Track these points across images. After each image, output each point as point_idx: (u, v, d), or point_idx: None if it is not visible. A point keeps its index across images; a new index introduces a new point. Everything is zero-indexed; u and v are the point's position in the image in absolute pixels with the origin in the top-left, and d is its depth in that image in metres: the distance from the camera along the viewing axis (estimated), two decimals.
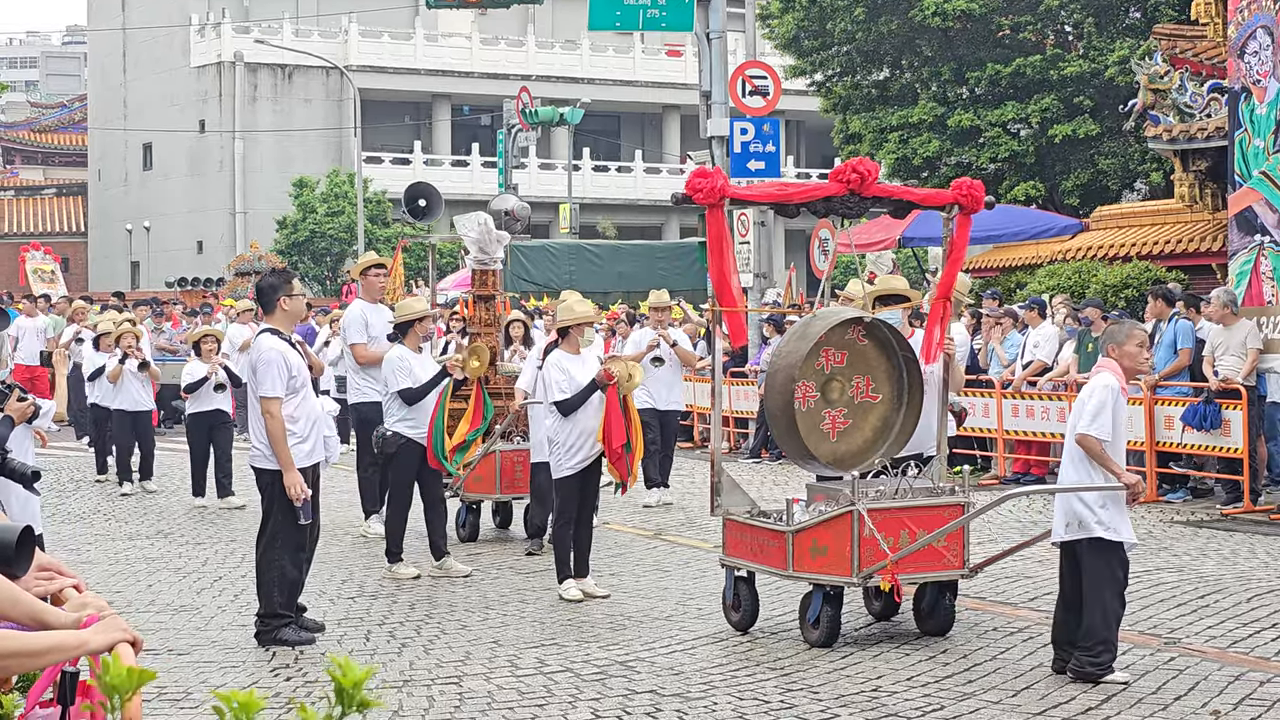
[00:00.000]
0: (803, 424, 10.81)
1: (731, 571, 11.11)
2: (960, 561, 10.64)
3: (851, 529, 10.29)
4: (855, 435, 11.10)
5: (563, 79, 62.81)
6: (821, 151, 66.52)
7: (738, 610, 11.09)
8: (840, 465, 10.94)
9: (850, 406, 11.07)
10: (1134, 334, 9.66)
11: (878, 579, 10.25)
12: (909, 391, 11.12)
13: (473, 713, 8.89)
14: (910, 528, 10.38)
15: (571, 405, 12.23)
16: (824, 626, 10.47)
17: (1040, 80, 34.51)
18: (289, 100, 61.94)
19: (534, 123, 44.00)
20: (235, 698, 2.20)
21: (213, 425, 18.51)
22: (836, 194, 10.79)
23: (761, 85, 27.29)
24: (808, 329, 10.96)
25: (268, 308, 11.09)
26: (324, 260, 54.26)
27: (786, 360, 10.86)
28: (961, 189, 11.17)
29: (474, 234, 16.14)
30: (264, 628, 10.82)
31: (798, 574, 10.57)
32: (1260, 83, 18.28)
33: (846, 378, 11.04)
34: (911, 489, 10.70)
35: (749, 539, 10.93)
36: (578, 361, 12.49)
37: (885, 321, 11.28)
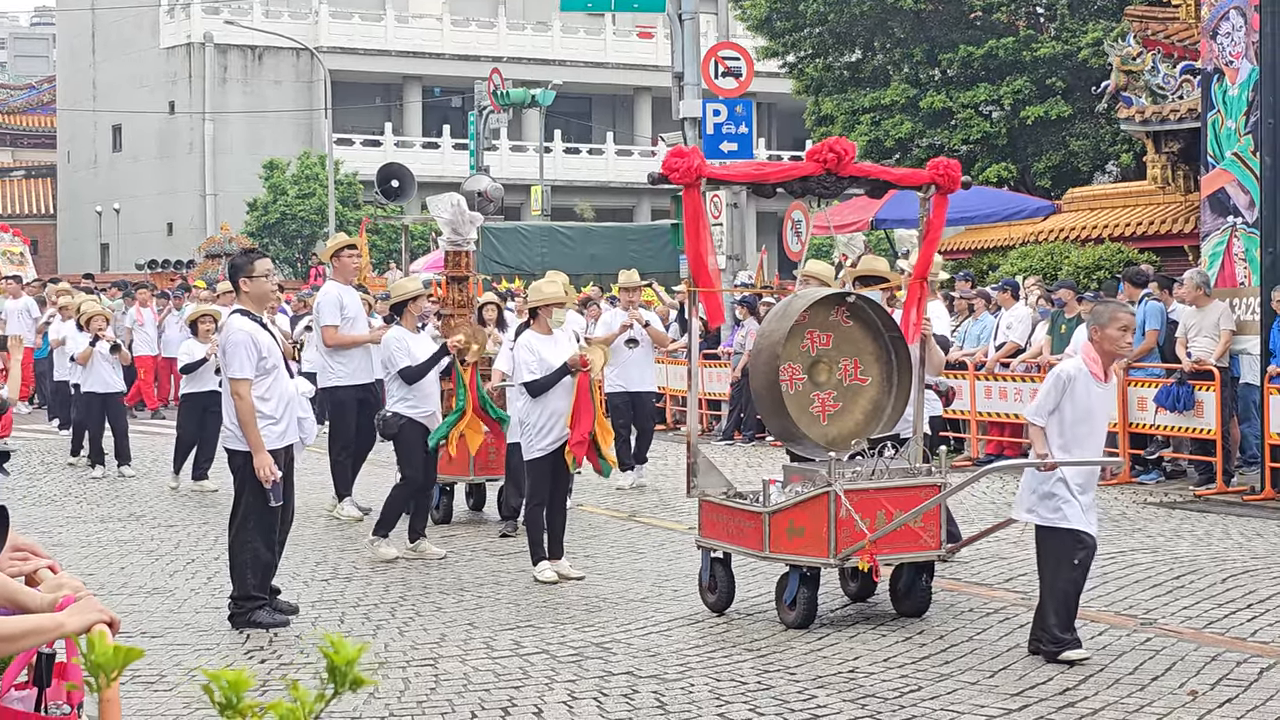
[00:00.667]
0: (792, 406, 10.75)
1: (708, 553, 11.04)
2: (937, 542, 10.58)
3: (828, 510, 10.21)
4: (846, 418, 11.04)
5: (534, 61, 62.68)
6: (793, 134, 66.61)
7: (714, 592, 11.02)
8: (832, 448, 10.78)
9: (840, 389, 11.01)
10: (1117, 316, 9.50)
11: (856, 559, 10.19)
12: (898, 373, 11.07)
13: (449, 695, 8.85)
14: (887, 508, 10.32)
15: (540, 386, 12.15)
16: (801, 607, 10.41)
17: (1012, 62, 34.53)
18: (259, 82, 61.72)
19: (505, 104, 43.87)
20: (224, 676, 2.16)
21: (207, 407, 18.09)
22: (813, 174, 10.70)
23: (734, 66, 27.25)
24: (788, 308, 10.89)
25: (237, 288, 11.04)
26: (295, 242, 54.10)
27: (769, 340, 10.79)
28: (938, 169, 11.11)
29: (447, 215, 16.08)
30: (237, 610, 10.76)
31: (774, 555, 10.50)
32: (1233, 64, 18.29)
33: (834, 360, 10.98)
34: (888, 470, 10.63)
35: (725, 520, 10.85)
36: (549, 342, 12.40)
37: (870, 300, 11.21)
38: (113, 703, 2.91)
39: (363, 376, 15.70)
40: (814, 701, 8.62)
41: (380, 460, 19.52)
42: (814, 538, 10.30)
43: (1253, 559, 12.85)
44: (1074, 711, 8.35)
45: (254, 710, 2.10)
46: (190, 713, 8.50)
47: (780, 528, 10.42)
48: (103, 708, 3.11)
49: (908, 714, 8.34)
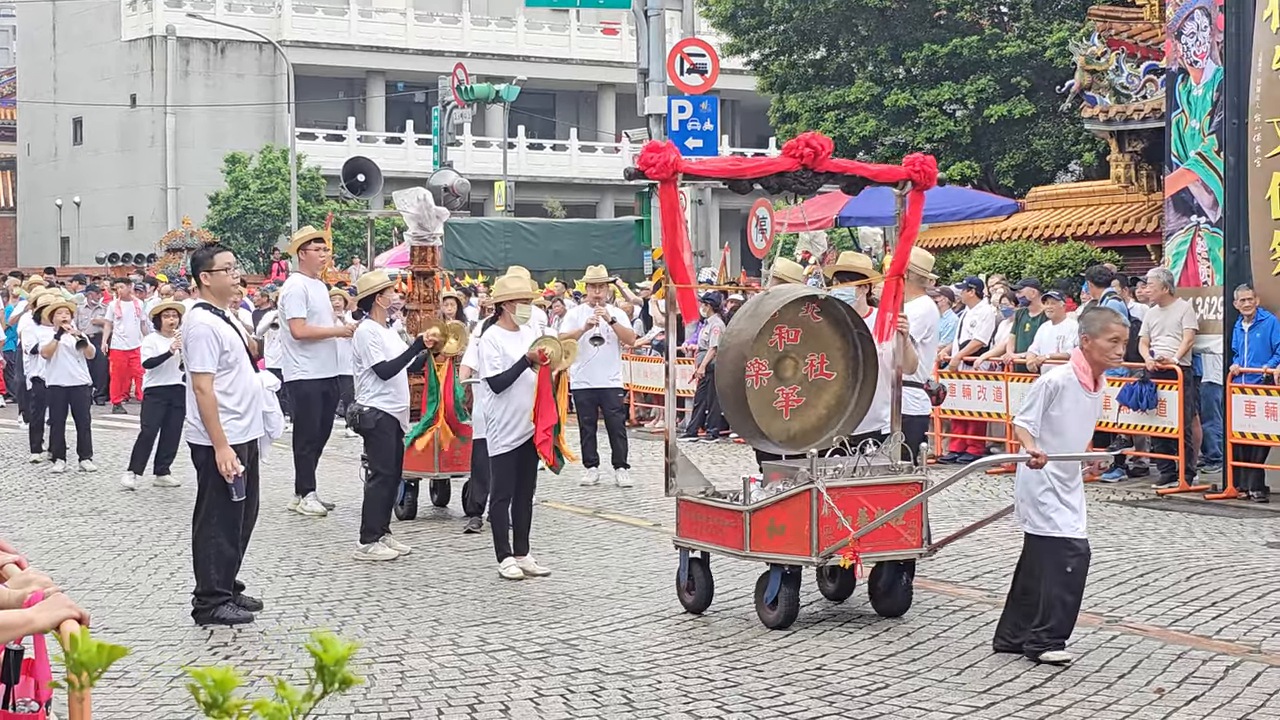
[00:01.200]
0: (754, 402, 10.65)
1: (685, 553, 10.91)
2: (919, 540, 10.52)
3: (810, 507, 10.10)
4: (809, 413, 10.93)
5: (498, 56, 62.66)
6: (758, 131, 66.63)
7: (692, 592, 10.88)
8: (793, 443, 10.75)
9: (804, 384, 10.89)
10: (1109, 327, 9.30)
11: (838, 557, 10.06)
12: (864, 369, 10.97)
13: (415, 691, 8.81)
14: (869, 506, 10.23)
15: (502, 381, 12.08)
16: (782, 607, 10.29)
17: (977, 61, 34.61)
18: (221, 75, 61.53)
19: (469, 100, 43.83)
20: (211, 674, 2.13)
21: (171, 402, 18.00)
22: (790, 169, 10.60)
23: (699, 63, 27.24)
24: (760, 306, 10.76)
25: (199, 282, 10.96)
26: (257, 237, 53.94)
27: (738, 338, 10.67)
28: (914, 165, 11.02)
29: (413, 210, 16.00)
30: (201, 606, 10.69)
31: (755, 554, 10.37)
32: (1197, 64, 18.35)
33: (800, 355, 10.86)
34: (870, 467, 10.53)
35: (704, 520, 10.71)
36: (514, 338, 12.34)
37: (840, 299, 11.11)
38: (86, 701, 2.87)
39: (328, 370, 15.66)
40: (781, 699, 8.61)
41: (342, 455, 19.48)
42: (795, 536, 10.19)
43: (1216, 557, 12.90)
44: (1041, 709, 8.36)
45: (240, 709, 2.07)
46: (154, 709, 8.45)
47: (761, 526, 10.29)
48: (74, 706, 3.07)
49: (875, 711, 8.34)
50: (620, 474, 17.65)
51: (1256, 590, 11.42)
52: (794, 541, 10.18)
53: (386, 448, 13.42)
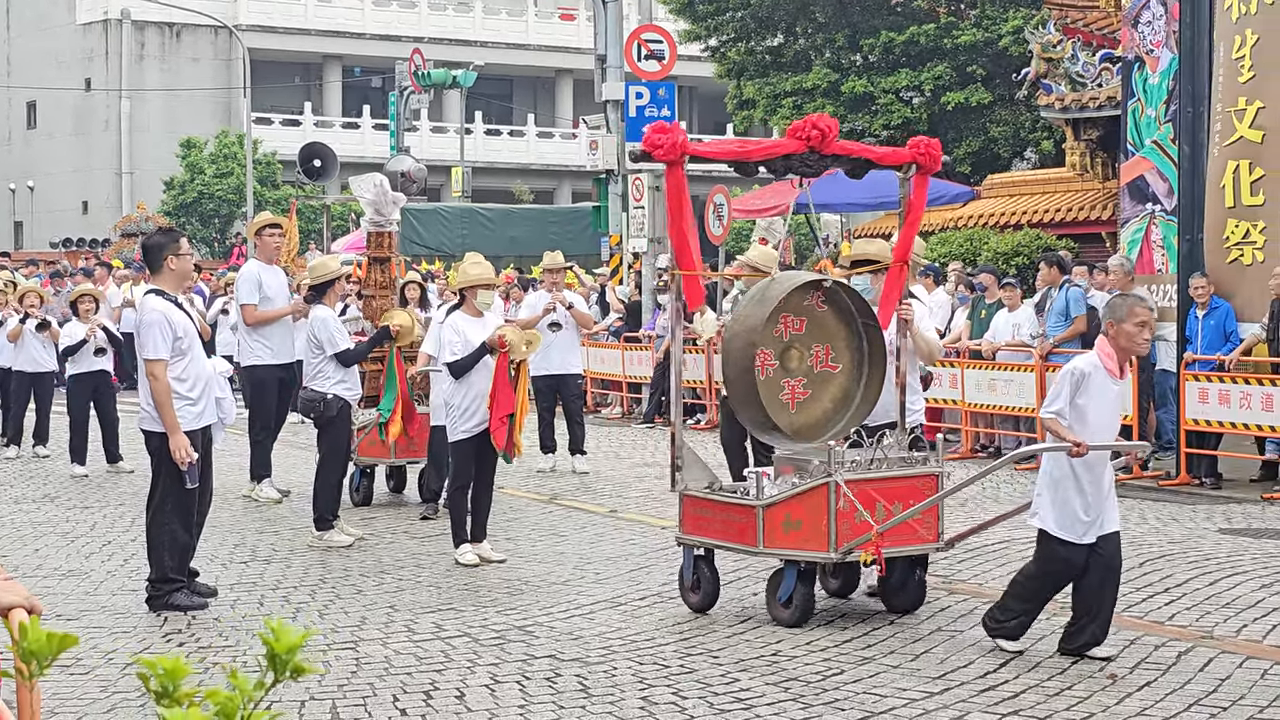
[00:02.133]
0: (763, 393, 10.22)
1: (690, 550, 10.52)
2: (935, 534, 10.20)
3: (828, 501, 9.76)
4: (814, 406, 10.50)
5: (455, 41, 62.48)
6: (715, 117, 66.65)
7: (697, 591, 10.49)
8: (799, 437, 10.34)
9: (809, 376, 10.47)
10: (1135, 311, 8.98)
11: (859, 553, 9.71)
12: (869, 361, 10.56)
13: (369, 678, 8.79)
14: (886, 500, 9.90)
15: (462, 367, 12.03)
16: (798, 605, 9.93)
17: (934, 48, 34.70)
18: (177, 59, 61.20)
19: (426, 85, 43.68)
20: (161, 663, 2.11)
21: (96, 388, 18.04)
22: (796, 151, 10.26)
23: (657, 49, 27.22)
24: (766, 293, 10.33)
25: (154, 267, 10.86)
26: (212, 222, 53.70)
27: (745, 325, 10.24)
28: (919, 148, 10.75)
29: (369, 195, 15.94)
30: (155, 593, 10.64)
31: (769, 550, 9.98)
32: (1153, 52, 18.42)
33: (805, 346, 10.45)
34: (886, 459, 10.18)
35: (712, 515, 10.29)
36: (476, 324, 12.26)
37: (846, 286, 10.68)
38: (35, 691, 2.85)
39: (284, 356, 15.62)
40: (737, 685, 8.61)
41: (298, 442, 19.41)
42: (813, 531, 9.83)
43: (1169, 544, 12.96)
44: (995, 695, 8.39)
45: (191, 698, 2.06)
46: (107, 697, 8.41)
47: (776, 521, 9.89)
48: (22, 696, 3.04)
49: (831, 697, 8.35)
50: (577, 460, 17.65)
51: (1209, 576, 11.48)
52: (811, 537, 9.84)
53: (343, 435, 13.43)
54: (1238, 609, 10.43)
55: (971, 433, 19.22)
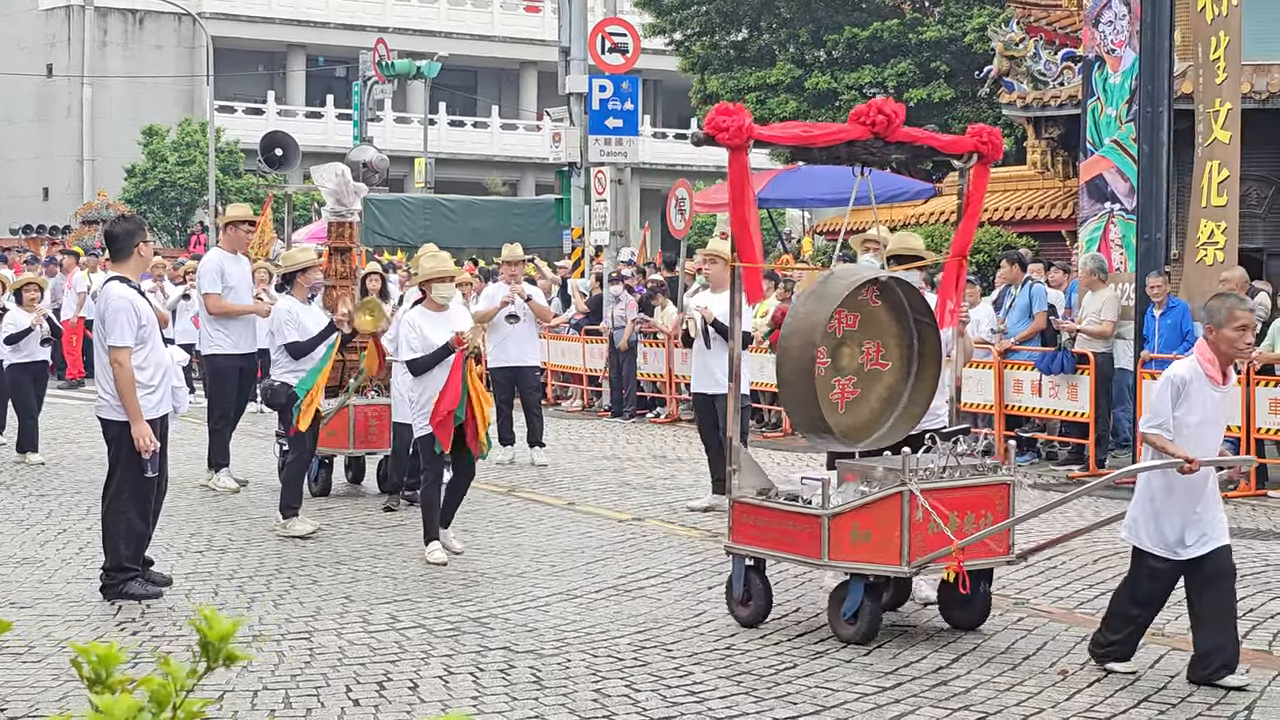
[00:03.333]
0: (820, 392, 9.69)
1: (740, 560, 9.93)
2: (1005, 547, 9.62)
3: (901, 512, 9.17)
4: (861, 407, 10.00)
5: (420, 32, 62.37)
6: (679, 111, 66.68)
7: (747, 604, 9.93)
8: (847, 439, 9.84)
9: (860, 375, 9.96)
10: (1235, 315, 8.48)
11: (939, 567, 9.20)
12: (920, 359, 10.07)
13: (323, 669, 8.79)
14: (958, 510, 9.33)
15: (421, 366, 11.87)
16: (864, 621, 9.36)
17: (897, 44, 34.78)
18: (140, 46, 60.93)
19: (390, 75, 43.63)
20: (94, 649, 2.12)
21: (36, 377, 17.97)
22: (860, 137, 9.72)
23: (621, 42, 27.23)
24: (825, 289, 9.71)
25: (121, 254, 10.82)
26: (174, 210, 53.49)
27: (804, 323, 9.62)
28: (981, 136, 10.24)
29: (331, 185, 15.90)
30: (110, 581, 10.61)
31: (835, 563, 9.38)
32: (1115, 52, 18.51)
33: (857, 343, 9.93)
34: (959, 466, 9.56)
35: (767, 524, 9.70)
36: (437, 319, 12.07)
37: (902, 280, 10.20)
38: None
39: (244, 346, 15.68)
40: (690, 678, 8.64)
41: (256, 432, 19.37)
42: (884, 543, 9.23)
43: (1123, 541, 13.01)
44: (946, 689, 8.44)
45: (124, 685, 2.07)
46: (59, 684, 8.39)
47: (843, 532, 9.29)
48: None
49: (783, 690, 8.38)
50: (536, 453, 17.64)
51: None
52: (881, 549, 9.24)
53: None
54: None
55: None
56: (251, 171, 54.31)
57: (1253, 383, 15.29)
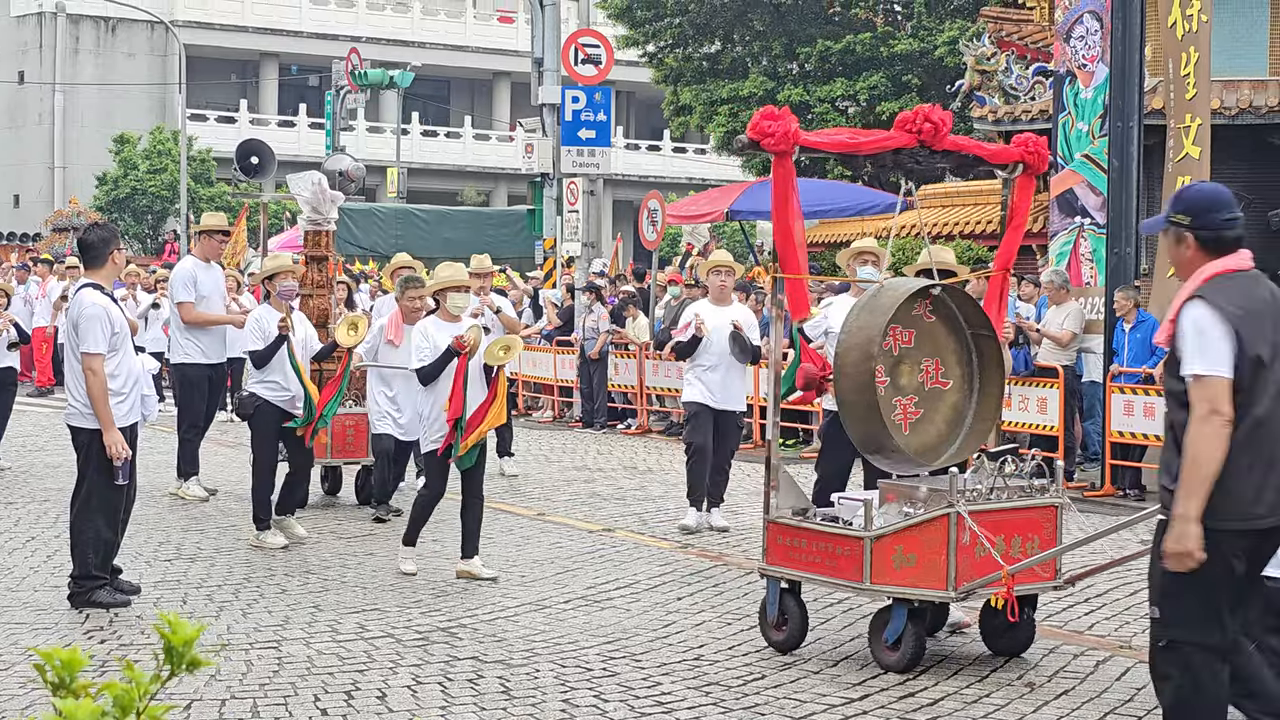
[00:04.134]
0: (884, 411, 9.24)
1: (775, 583, 9.57)
2: (1052, 571, 9.28)
3: (948, 534, 8.78)
4: (928, 428, 9.50)
5: (393, 42, 62.30)
6: (651, 123, 66.74)
7: (782, 629, 9.58)
8: (915, 462, 9.41)
9: (921, 394, 9.49)
10: None
11: (986, 594, 8.86)
12: (981, 376, 9.61)
13: (291, 678, 8.78)
14: (1005, 533, 8.94)
15: (428, 374, 11.44)
16: (907, 647, 8.98)
17: (869, 58, 34.88)
18: (112, 54, 60.77)
19: (363, 85, 43.54)
20: (57, 655, 2.12)
21: (4, 384, 17.84)
22: (907, 145, 9.42)
23: (594, 54, 27.24)
24: (877, 301, 9.31)
25: (96, 261, 10.80)
26: (145, 218, 53.34)
27: (860, 337, 9.15)
28: (1027, 146, 9.94)
29: (307, 194, 15.80)
30: (78, 589, 10.59)
31: (878, 587, 8.99)
32: (1086, 67, 18.59)
33: (915, 361, 9.48)
34: (1006, 487, 9.17)
35: (805, 545, 9.33)
36: (451, 330, 11.60)
37: (957, 290, 9.75)
38: None
39: (214, 355, 15.67)
40: (659, 688, 8.65)
41: (227, 440, 19.33)
42: (928, 567, 8.85)
43: (1091, 554, 13.06)
44: (914, 701, 8.46)
45: (87, 690, 2.07)
46: (26, 692, 8.36)
47: (886, 555, 8.90)
48: None
49: (751, 701, 8.40)
50: (505, 463, 17.63)
51: (1130, 587, 11.59)
52: (926, 574, 8.86)
53: (262, 434, 13.20)
54: None
55: None
56: (224, 180, 54.20)
57: None
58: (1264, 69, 22.35)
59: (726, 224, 35.78)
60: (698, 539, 13.64)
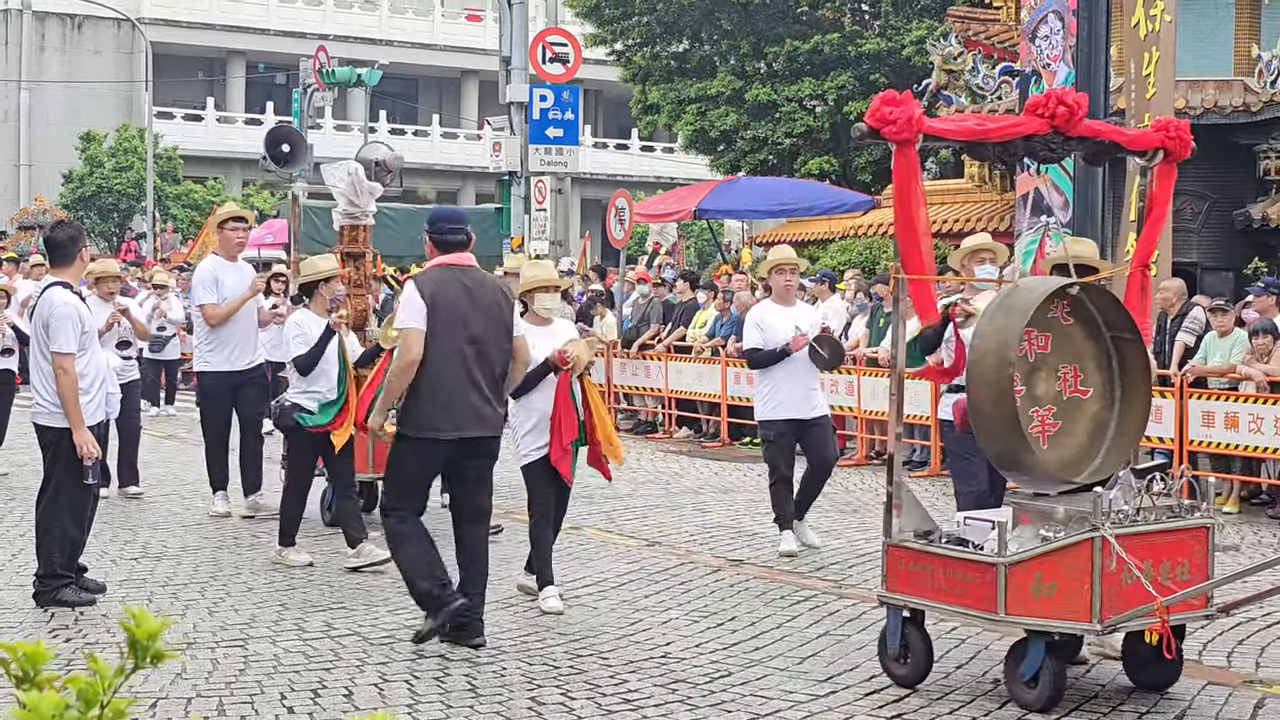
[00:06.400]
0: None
1: (897, 613, 8.78)
2: (1204, 599, 8.48)
3: (1092, 560, 7.98)
4: (1068, 441, 8.78)
5: (361, 40, 62.21)
6: (619, 121, 66.73)
7: (904, 662, 8.82)
8: (1054, 479, 8.67)
9: (1059, 404, 8.77)
10: None
11: (1138, 625, 8.12)
12: (1124, 382, 8.87)
13: (258, 676, 8.77)
14: (1153, 559, 8.17)
15: (520, 388, 10.46)
16: (1046, 683, 8.19)
17: (837, 57, 34.94)
18: (78, 51, 60.57)
19: (330, 83, 43.46)
20: (21, 648, 2.13)
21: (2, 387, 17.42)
22: (1039, 132, 8.71)
23: (562, 52, 27.27)
24: (1012, 301, 8.60)
25: (64, 260, 10.75)
26: (111, 216, 53.18)
27: (995, 340, 8.43)
28: (1169, 130, 9.11)
29: (342, 185, 14.49)
30: (43, 588, 10.56)
31: (1014, 618, 8.21)
32: (1050, 66, 18.68)
33: (1053, 368, 8.76)
34: (1155, 507, 8.36)
35: (930, 571, 8.56)
36: (539, 334, 10.61)
37: (1098, 289, 9.02)
38: None
39: (234, 363, 14.30)
40: (625, 686, 8.67)
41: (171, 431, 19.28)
42: (1071, 597, 8.04)
43: None
44: (880, 698, 8.49)
45: (51, 683, 2.07)
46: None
47: (1023, 583, 8.12)
48: None
49: (718, 699, 8.42)
50: None
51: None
52: (1068, 604, 8.05)
53: (300, 449, 12.40)
54: None
55: (867, 440, 19.38)
56: (190, 178, 54.07)
57: (1185, 395, 15.45)
58: (1228, 69, 22.48)
59: (694, 222, 35.84)
60: (663, 537, 13.65)
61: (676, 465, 18.74)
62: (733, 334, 21.46)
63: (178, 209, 52.18)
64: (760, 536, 13.66)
